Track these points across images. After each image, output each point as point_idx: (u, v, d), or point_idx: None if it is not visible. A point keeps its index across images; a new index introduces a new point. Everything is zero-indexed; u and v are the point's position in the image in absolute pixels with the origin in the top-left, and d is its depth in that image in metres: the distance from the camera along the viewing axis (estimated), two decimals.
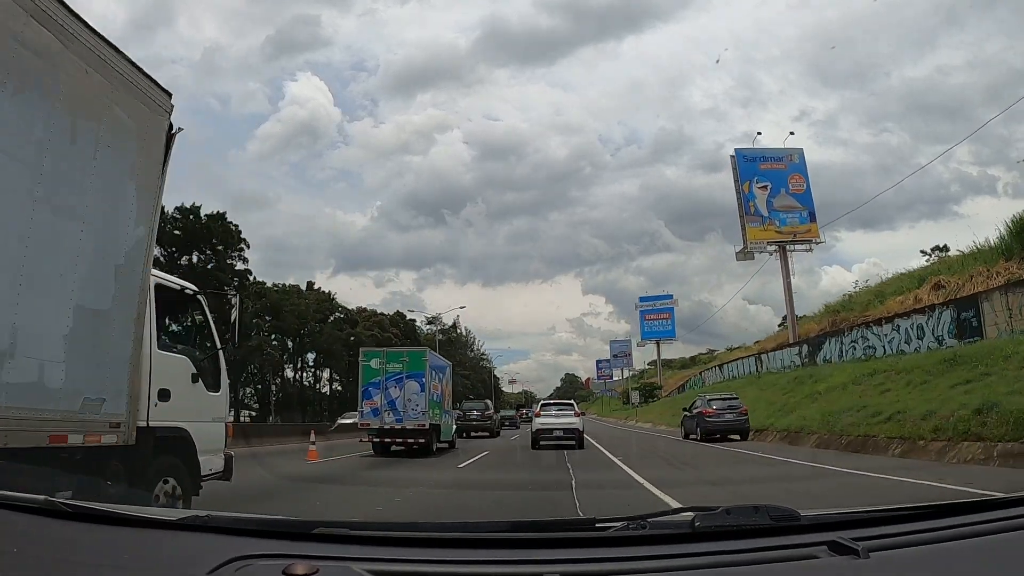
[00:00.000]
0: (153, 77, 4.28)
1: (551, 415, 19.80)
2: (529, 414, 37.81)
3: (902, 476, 8.46)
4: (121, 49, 3.86)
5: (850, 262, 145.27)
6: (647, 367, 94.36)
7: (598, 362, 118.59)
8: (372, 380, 15.73)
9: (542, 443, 17.61)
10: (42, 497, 1.49)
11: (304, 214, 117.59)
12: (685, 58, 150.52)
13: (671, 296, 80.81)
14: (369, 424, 15.35)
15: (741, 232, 38.55)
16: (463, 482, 10.03)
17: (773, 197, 39.95)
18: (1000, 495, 1.67)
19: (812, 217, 40.36)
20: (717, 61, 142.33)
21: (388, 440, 14.90)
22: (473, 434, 26.99)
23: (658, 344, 78.07)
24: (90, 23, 3.62)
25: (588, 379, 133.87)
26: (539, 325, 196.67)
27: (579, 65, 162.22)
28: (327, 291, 64.46)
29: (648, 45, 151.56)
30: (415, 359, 16.05)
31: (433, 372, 16.22)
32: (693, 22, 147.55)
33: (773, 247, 37.94)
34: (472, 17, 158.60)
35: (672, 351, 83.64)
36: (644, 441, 21.59)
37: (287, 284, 62.64)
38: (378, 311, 63.83)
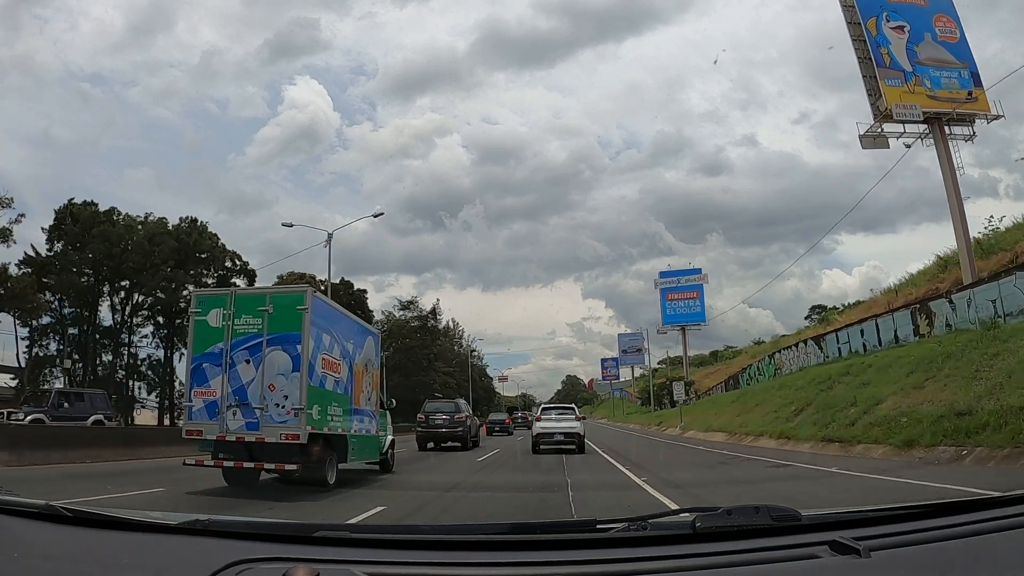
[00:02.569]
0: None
1: (551, 419, 20.52)
2: (529, 417, 38.51)
3: None
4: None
5: (850, 265, 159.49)
6: (659, 366, 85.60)
7: (603, 361, 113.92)
8: (209, 350, 9.84)
9: (542, 447, 19.58)
10: (42, 502, 1.59)
11: (303, 218, 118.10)
12: (684, 61, 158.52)
13: (699, 271, 71.84)
14: (200, 432, 9.74)
15: (869, 97, 25.18)
16: None
17: (915, 44, 25.52)
18: (999, 494, 1.75)
19: (976, 80, 25.84)
20: (715, 62, 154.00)
21: (235, 463, 9.54)
22: (443, 444, 22.37)
23: (684, 331, 68.97)
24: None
25: (591, 380, 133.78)
26: (539, 330, 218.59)
27: (578, 68, 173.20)
28: (204, 223, 49.86)
29: (647, 48, 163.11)
30: (284, 309, 9.75)
31: (327, 337, 10.50)
32: (693, 24, 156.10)
33: (916, 128, 24.18)
34: (470, 20, 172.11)
35: (680, 349, 77.72)
36: None
37: (154, 216, 48.24)
38: (309, 273, 51.06)
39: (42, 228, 43.54)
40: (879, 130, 25.38)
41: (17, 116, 75.20)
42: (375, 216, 45.29)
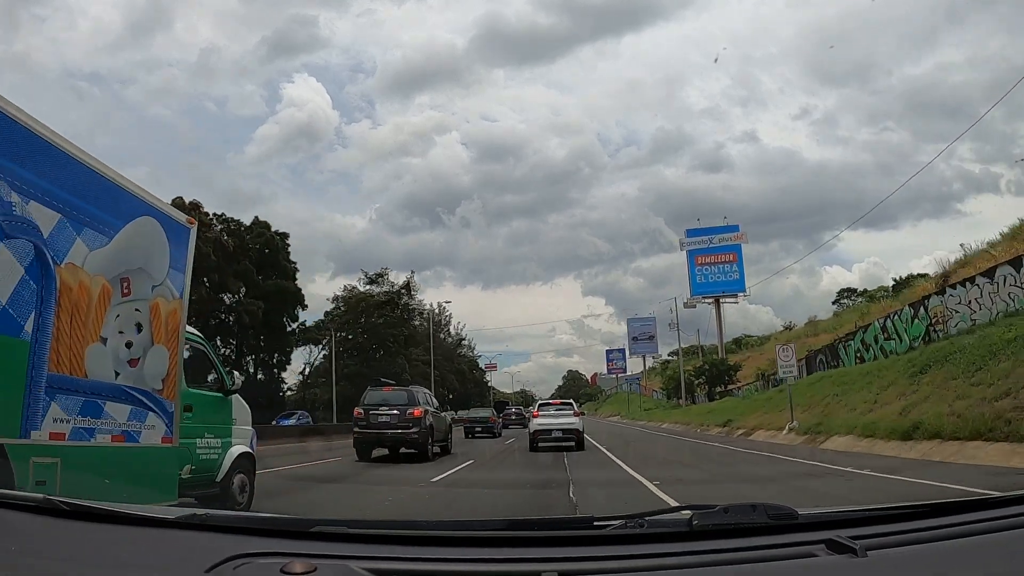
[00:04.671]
0: None
1: (549, 415, 20.50)
2: (525, 414, 37.38)
3: None
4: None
5: (850, 262, 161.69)
6: (670, 357, 77.82)
7: (607, 352, 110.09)
8: None
9: (540, 444, 19.65)
10: (40, 495, 1.57)
11: (302, 217, 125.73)
12: (683, 58, 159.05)
13: (736, 228, 60.99)
14: None
15: None
16: None
17: None
18: (997, 494, 1.76)
19: None
20: (716, 60, 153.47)
21: None
22: (401, 452, 16.92)
23: (718, 302, 58.55)
24: None
25: (594, 375, 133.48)
26: (539, 327, 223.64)
27: (577, 65, 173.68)
28: None
29: (647, 44, 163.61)
30: None
31: None
32: (693, 21, 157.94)
33: None
34: (469, 16, 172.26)
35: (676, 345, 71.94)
36: None
37: None
38: (191, 199, 43.37)
39: None
40: None
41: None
42: None
